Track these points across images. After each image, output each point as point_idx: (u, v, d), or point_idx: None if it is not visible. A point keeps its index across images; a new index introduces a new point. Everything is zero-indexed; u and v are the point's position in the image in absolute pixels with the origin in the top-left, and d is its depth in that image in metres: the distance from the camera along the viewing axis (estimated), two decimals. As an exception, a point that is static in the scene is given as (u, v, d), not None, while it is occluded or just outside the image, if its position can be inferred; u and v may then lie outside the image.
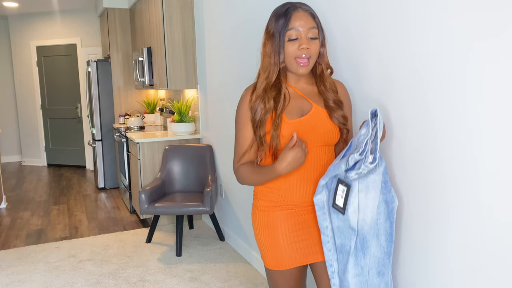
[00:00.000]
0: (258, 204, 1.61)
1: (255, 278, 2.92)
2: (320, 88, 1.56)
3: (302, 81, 1.57)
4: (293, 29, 1.44)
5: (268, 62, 1.49)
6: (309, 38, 1.45)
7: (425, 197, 1.52)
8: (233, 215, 3.48)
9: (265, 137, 1.49)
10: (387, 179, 1.41)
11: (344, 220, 1.41)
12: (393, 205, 1.42)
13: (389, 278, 1.47)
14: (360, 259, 1.44)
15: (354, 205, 1.38)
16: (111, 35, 5.37)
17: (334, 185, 1.44)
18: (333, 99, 1.55)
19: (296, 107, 1.52)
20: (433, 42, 1.43)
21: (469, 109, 1.32)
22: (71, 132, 7.09)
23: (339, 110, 1.55)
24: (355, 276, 1.45)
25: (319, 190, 1.47)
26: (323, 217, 1.48)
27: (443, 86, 1.40)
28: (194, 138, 4.05)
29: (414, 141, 1.54)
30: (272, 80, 1.49)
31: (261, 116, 1.48)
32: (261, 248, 1.62)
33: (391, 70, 1.62)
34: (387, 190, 1.41)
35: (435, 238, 1.50)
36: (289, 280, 1.60)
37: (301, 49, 1.44)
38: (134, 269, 3.11)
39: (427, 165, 1.50)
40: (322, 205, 1.47)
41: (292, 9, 1.46)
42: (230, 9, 3.12)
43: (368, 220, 1.39)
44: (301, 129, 1.49)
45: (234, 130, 1.60)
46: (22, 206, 4.87)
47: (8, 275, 3.06)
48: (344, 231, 1.43)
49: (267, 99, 1.48)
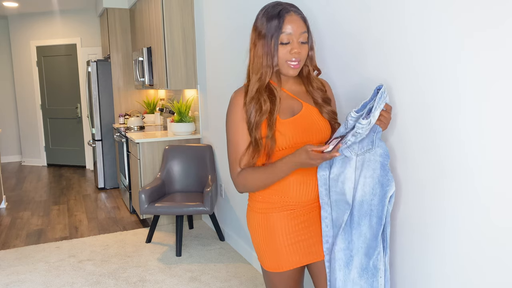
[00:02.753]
0: (255, 206, 1.59)
1: (255, 278, 2.92)
2: (308, 88, 1.59)
3: (290, 82, 1.59)
4: (285, 33, 1.44)
5: (261, 63, 1.48)
6: (300, 43, 1.47)
7: (423, 197, 1.52)
8: (233, 215, 3.48)
9: (261, 140, 1.47)
10: (386, 163, 1.44)
11: (341, 194, 1.48)
12: (387, 188, 1.44)
13: (378, 262, 1.47)
14: (348, 234, 1.49)
15: (351, 180, 1.46)
16: (111, 35, 5.37)
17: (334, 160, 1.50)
18: (322, 97, 1.58)
19: (287, 107, 1.53)
20: (429, 38, 1.43)
21: (468, 109, 1.32)
22: (71, 132, 7.09)
23: (328, 106, 1.58)
24: (341, 250, 1.50)
25: (322, 166, 1.50)
26: (325, 192, 1.52)
27: (440, 86, 1.40)
28: (194, 138, 4.05)
29: (413, 140, 1.54)
30: (266, 82, 1.49)
31: (257, 118, 1.47)
32: (259, 250, 1.61)
33: (385, 68, 1.62)
34: (384, 173, 1.44)
35: (432, 238, 1.50)
36: (288, 281, 1.59)
37: (292, 53, 1.46)
38: (134, 269, 3.11)
39: (426, 165, 1.50)
40: (325, 181, 1.51)
41: (285, 11, 1.46)
42: (230, 9, 3.12)
43: (362, 197, 1.46)
44: (295, 128, 1.50)
45: (226, 136, 1.55)
46: (22, 206, 4.87)
47: (8, 275, 3.06)
48: (340, 205, 1.49)
49: (262, 101, 1.47)
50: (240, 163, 1.51)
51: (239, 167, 1.52)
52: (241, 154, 1.50)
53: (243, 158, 1.50)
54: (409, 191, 1.59)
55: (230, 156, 1.54)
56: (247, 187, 1.51)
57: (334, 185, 1.49)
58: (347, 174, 1.47)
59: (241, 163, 1.51)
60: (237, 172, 1.52)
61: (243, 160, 1.50)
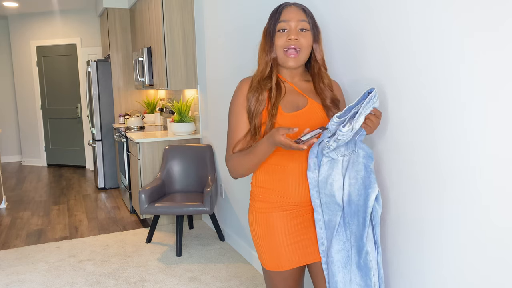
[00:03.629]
0: (256, 206, 1.60)
1: (255, 278, 2.92)
2: (318, 85, 1.58)
3: (297, 77, 1.60)
4: (282, 21, 1.48)
5: (263, 56, 1.54)
6: (298, 30, 1.49)
7: (421, 197, 1.52)
8: (233, 215, 3.48)
9: (259, 128, 1.51)
10: (369, 164, 1.44)
11: (331, 196, 1.47)
12: (369, 190, 1.44)
13: (368, 262, 1.47)
14: (342, 234, 1.49)
15: (339, 182, 1.46)
16: (111, 35, 5.37)
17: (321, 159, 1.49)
18: (331, 97, 1.57)
19: (292, 101, 1.54)
20: (433, 37, 1.43)
21: (467, 108, 1.32)
22: (71, 132, 7.09)
23: (336, 109, 1.57)
24: (338, 252, 1.49)
25: (311, 168, 1.49)
26: (316, 195, 1.51)
27: (443, 84, 1.40)
28: (194, 138, 4.05)
29: (412, 139, 1.54)
30: (266, 73, 1.53)
31: (256, 107, 1.51)
32: (259, 249, 1.61)
33: (388, 67, 1.62)
34: (367, 174, 1.44)
35: (429, 238, 1.50)
36: (288, 281, 1.59)
37: (289, 39, 1.48)
38: (134, 269, 3.11)
39: (424, 165, 1.50)
40: (315, 183, 1.50)
41: (284, 6, 1.52)
42: (230, 9, 3.12)
43: (349, 197, 1.47)
44: (296, 123, 1.50)
45: (228, 122, 1.60)
46: (22, 206, 4.87)
47: (8, 275, 3.06)
48: (331, 207, 1.49)
49: (260, 90, 1.51)
50: (234, 149, 1.56)
51: (232, 152, 1.56)
52: (237, 140, 1.55)
53: (238, 144, 1.55)
54: (408, 190, 1.59)
55: (227, 142, 1.60)
56: (237, 170, 1.54)
57: (323, 187, 1.49)
58: (335, 175, 1.47)
59: (235, 148, 1.55)
60: (228, 157, 1.57)
61: (237, 146, 1.55)
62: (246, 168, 1.52)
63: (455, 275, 1.43)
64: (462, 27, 1.32)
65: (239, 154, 1.53)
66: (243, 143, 1.54)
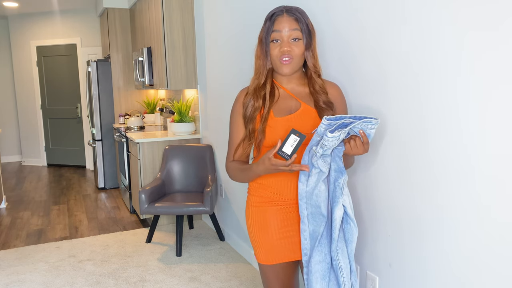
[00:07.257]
0: (251, 200, 1.66)
1: (255, 278, 2.92)
2: (312, 89, 1.60)
3: (293, 82, 1.62)
4: (275, 31, 1.52)
5: (259, 64, 1.59)
6: (290, 40, 1.52)
7: (420, 197, 1.52)
8: (233, 215, 3.48)
9: (253, 133, 1.58)
10: (338, 179, 1.45)
11: (316, 207, 1.49)
12: (333, 204, 1.47)
13: (340, 275, 1.47)
14: (325, 245, 1.49)
15: (324, 192, 1.48)
16: (111, 35, 5.37)
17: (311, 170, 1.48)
18: (323, 100, 1.58)
19: (284, 106, 1.58)
20: (428, 40, 1.43)
21: (463, 108, 1.32)
22: (71, 132, 7.09)
23: (329, 111, 1.57)
24: (319, 263, 1.49)
25: (301, 179, 1.50)
26: (304, 206, 1.51)
27: (437, 85, 1.40)
28: (194, 138, 4.05)
29: (409, 140, 1.55)
30: (262, 81, 1.59)
31: (251, 113, 1.58)
32: (253, 243, 1.67)
33: (384, 69, 1.62)
34: (333, 189, 1.46)
35: (428, 239, 1.50)
36: (280, 275, 1.64)
37: (281, 51, 1.52)
38: (134, 269, 3.11)
39: (423, 164, 1.50)
40: (304, 194, 1.50)
41: (277, 14, 1.54)
42: (230, 10, 3.12)
43: (330, 210, 1.48)
44: (288, 127, 1.53)
45: (229, 129, 1.67)
46: (22, 206, 4.87)
47: (8, 275, 3.06)
48: (316, 217, 1.49)
49: (256, 97, 1.57)
50: (234, 155, 1.65)
51: (232, 158, 1.66)
52: (235, 146, 1.64)
53: (238, 150, 1.64)
54: (406, 190, 1.59)
55: (228, 148, 1.69)
56: (235, 179, 1.67)
57: (309, 197, 1.49)
58: (321, 186, 1.48)
59: (235, 155, 1.65)
60: (228, 163, 1.67)
61: (237, 152, 1.64)
62: (242, 181, 1.64)
63: (455, 275, 1.43)
64: (460, 27, 1.32)
65: (237, 166, 1.62)
66: (242, 148, 1.62)
